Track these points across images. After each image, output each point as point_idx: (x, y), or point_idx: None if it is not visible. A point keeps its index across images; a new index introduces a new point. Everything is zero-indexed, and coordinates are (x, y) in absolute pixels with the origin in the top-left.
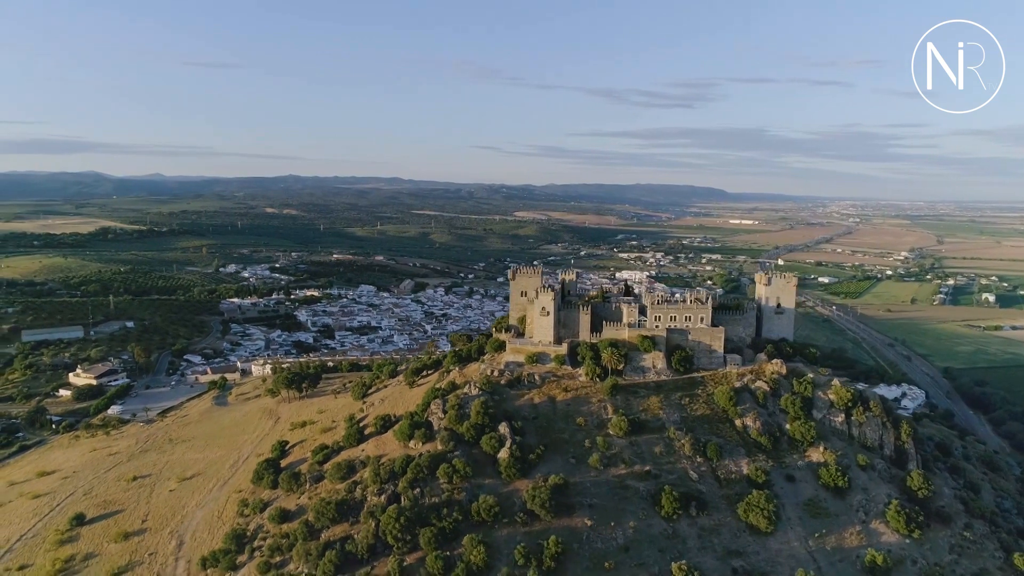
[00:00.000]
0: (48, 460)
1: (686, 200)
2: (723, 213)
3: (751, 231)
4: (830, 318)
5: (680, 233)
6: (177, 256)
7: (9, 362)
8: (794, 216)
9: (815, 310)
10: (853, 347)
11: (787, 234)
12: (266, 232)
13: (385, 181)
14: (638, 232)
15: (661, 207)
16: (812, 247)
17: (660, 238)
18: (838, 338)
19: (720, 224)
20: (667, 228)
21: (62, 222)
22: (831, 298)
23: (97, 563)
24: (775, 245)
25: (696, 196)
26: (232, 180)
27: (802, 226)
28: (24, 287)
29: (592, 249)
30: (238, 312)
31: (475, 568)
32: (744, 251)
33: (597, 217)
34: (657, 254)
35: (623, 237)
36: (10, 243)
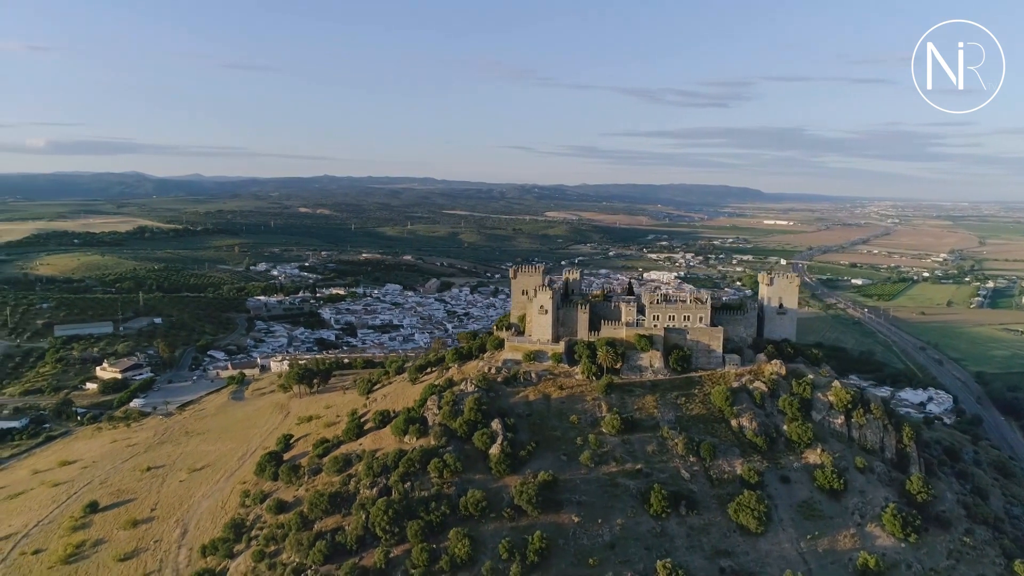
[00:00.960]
0: (71, 450)
1: (720, 200)
2: (757, 214)
3: (785, 232)
4: (861, 320)
5: (712, 234)
6: (210, 255)
7: (41, 356)
8: (831, 217)
9: (846, 312)
10: (883, 350)
11: (822, 235)
12: (298, 231)
13: (418, 181)
14: (669, 232)
15: (694, 207)
16: (847, 248)
17: (691, 239)
18: (868, 340)
19: (754, 225)
20: (699, 229)
21: (102, 221)
22: (863, 300)
23: (105, 549)
24: (809, 246)
25: (731, 196)
26: (268, 180)
27: (838, 227)
28: (62, 283)
29: (621, 249)
30: (264, 309)
31: (459, 561)
32: (776, 252)
33: (628, 217)
34: (687, 255)
35: (653, 237)
36: (52, 241)
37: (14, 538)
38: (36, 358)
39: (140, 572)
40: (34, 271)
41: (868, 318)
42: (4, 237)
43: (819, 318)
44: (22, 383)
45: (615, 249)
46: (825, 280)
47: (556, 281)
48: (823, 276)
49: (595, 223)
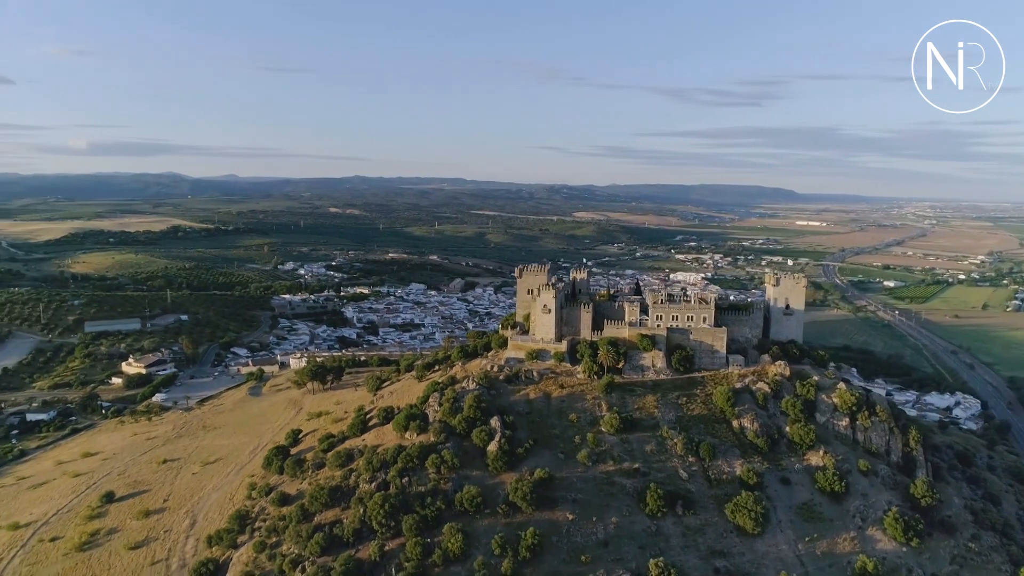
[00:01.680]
0: (94, 442)
1: (752, 201)
2: (789, 214)
3: (817, 233)
4: (891, 323)
5: (742, 235)
6: (240, 254)
7: (71, 351)
8: (865, 218)
9: (876, 315)
10: (913, 354)
11: (856, 236)
12: (327, 231)
13: (448, 181)
14: (698, 233)
15: (725, 208)
16: (881, 250)
17: (720, 239)
18: (897, 344)
19: (785, 226)
20: (729, 230)
21: (137, 220)
22: (895, 303)
23: (118, 537)
24: (841, 247)
25: (763, 197)
26: (301, 181)
27: (873, 228)
28: (96, 281)
29: (649, 250)
30: (288, 308)
31: (452, 555)
32: (807, 253)
33: (657, 218)
34: (715, 256)
35: (682, 238)
36: (89, 240)
37: (34, 526)
38: (66, 353)
39: (149, 560)
40: (70, 269)
41: (899, 321)
42: (43, 236)
43: (848, 320)
44: (52, 377)
45: (642, 250)
46: (856, 282)
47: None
48: (854, 278)
49: (623, 223)
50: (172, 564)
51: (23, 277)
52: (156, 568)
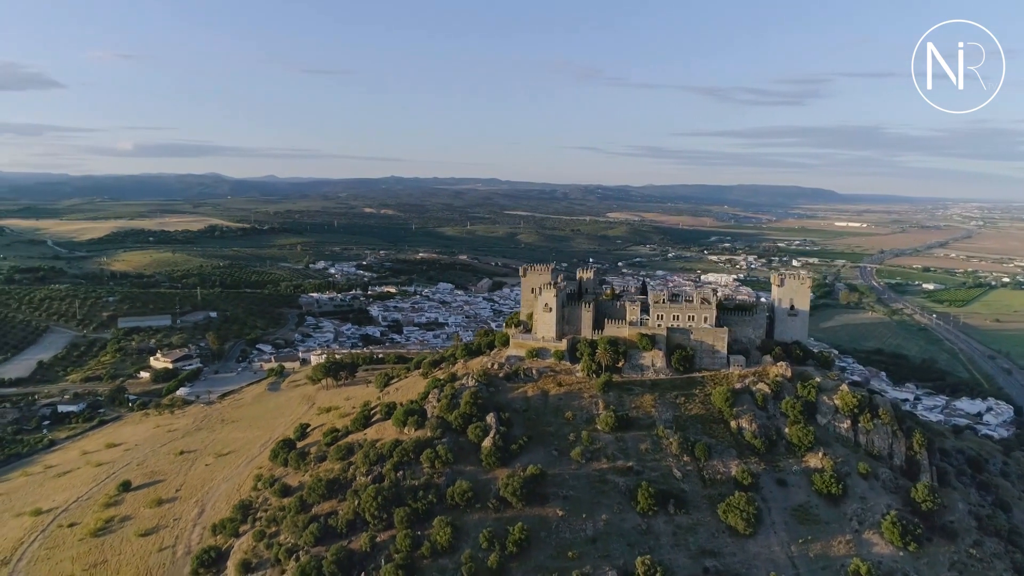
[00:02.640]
0: (118, 434)
1: (791, 201)
2: (829, 215)
3: (857, 234)
4: (927, 327)
5: (778, 236)
6: (274, 253)
7: (103, 346)
8: (908, 219)
9: (912, 318)
10: (948, 358)
11: (897, 238)
12: (360, 231)
13: (482, 182)
14: (733, 234)
15: (763, 208)
16: (922, 251)
17: (756, 240)
18: (932, 348)
19: (824, 227)
20: (765, 230)
21: (177, 220)
22: (933, 306)
23: (130, 524)
24: (880, 249)
25: (803, 197)
26: (338, 181)
27: (915, 229)
28: (134, 279)
29: (681, 251)
30: (315, 306)
31: (440, 548)
32: (844, 255)
33: (692, 218)
34: (749, 257)
35: (716, 239)
36: (130, 239)
37: (55, 512)
38: (99, 348)
39: (157, 547)
40: (110, 267)
41: (936, 324)
42: (87, 235)
43: (882, 324)
44: (84, 370)
45: (675, 250)
46: (894, 284)
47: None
48: (892, 280)
49: (657, 224)
50: (178, 551)
51: (65, 274)
52: (163, 554)
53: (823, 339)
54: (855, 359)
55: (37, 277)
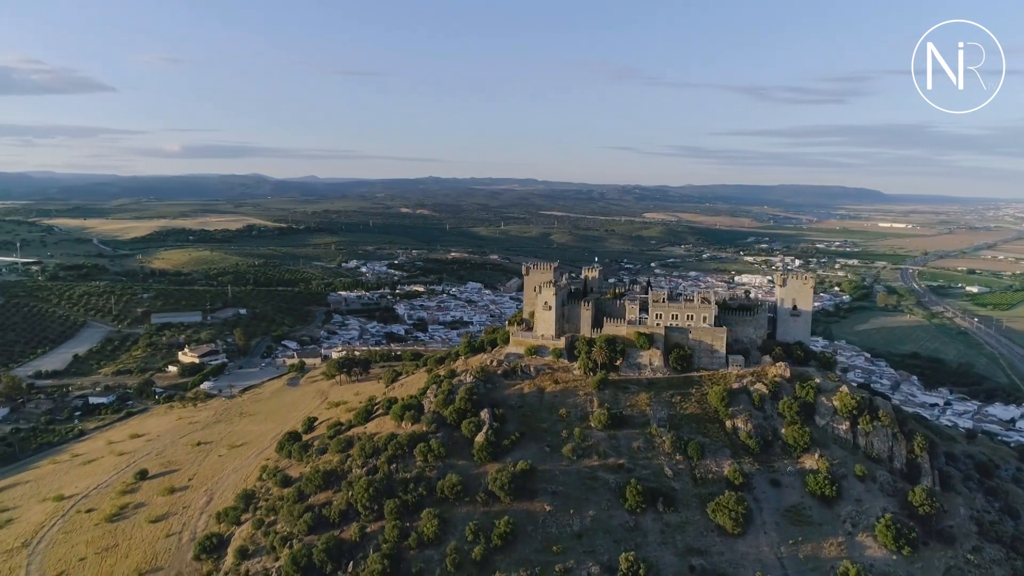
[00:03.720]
0: (143, 425)
1: (833, 202)
2: (873, 216)
3: (901, 235)
4: (968, 330)
5: (818, 237)
6: (308, 252)
7: (135, 341)
8: (956, 219)
9: (952, 321)
10: (987, 363)
11: (942, 239)
12: (394, 231)
13: (519, 182)
14: (772, 235)
15: (804, 209)
16: (969, 253)
17: (794, 241)
18: (971, 352)
19: (867, 228)
20: (805, 231)
21: (217, 219)
22: (975, 309)
23: (143, 511)
24: (924, 251)
25: (846, 198)
26: (377, 181)
27: (963, 230)
28: (171, 276)
29: (717, 251)
30: (343, 304)
31: (426, 539)
32: (886, 256)
33: (730, 219)
34: (786, 258)
35: (753, 240)
36: (171, 238)
37: (75, 498)
38: (132, 342)
39: (165, 533)
40: (150, 264)
41: (977, 328)
42: (130, 233)
43: (920, 327)
44: (116, 364)
45: (710, 251)
46: (936, 287)
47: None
48: (934, 283)
49: (693, 224)
50: (184, 537)
51: (107, 272)
52: (170, 540)
53: (856, 342)
54: (888, 362)
55: (80, 274)
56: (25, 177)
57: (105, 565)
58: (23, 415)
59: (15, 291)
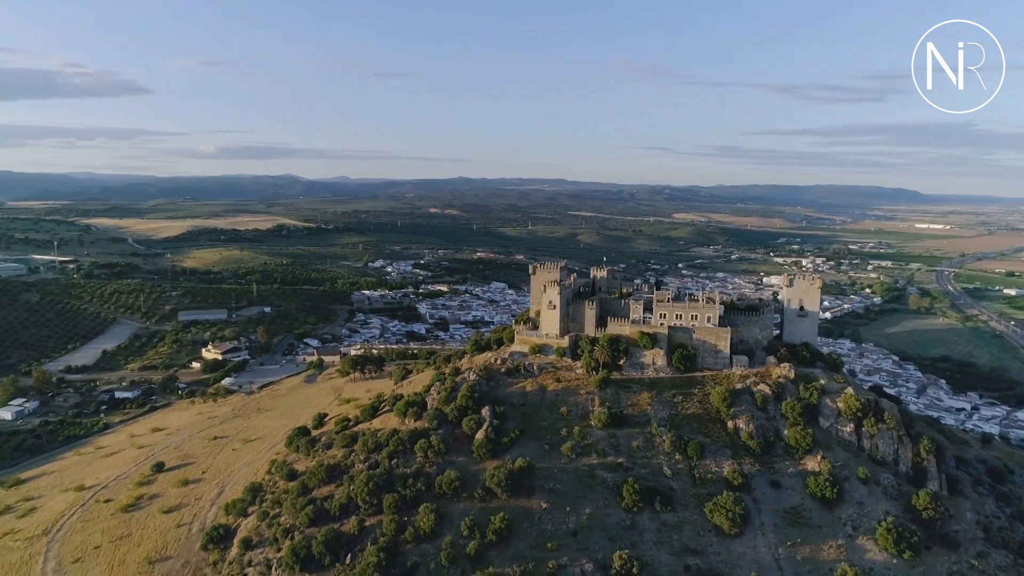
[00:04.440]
0: (165, 419)
1: (870, 202)
2: (910, 217)
3: (938, 237)
4: (1003, 334)
5: (852, 238)
6: (336, 251)
7: (163, 337)
8: (997, 220)
9: (987, 324)
10: (1022, 367)
11: (982, 241)
12: (422, 231)
13: (548, 183)
14: (804, 236)
15: (839, 210)
16: (1008, 255)
17: (826, 242)
18: (1005, 356)
19: (903, 229)
20: (838, 232)
21: (249, 219)
22: (1013, 312)
23: (157, 502)
24: (961, 252)
25: (883, 198)
26: (407, 182)
27: (1004, 232)
28: (202, 275)
29: (746, 252)
30: (366, 303)
31: (422, 533)
32: (921, 258)
33: (761, 219)
34: (817, 259)
35: (784, 241)
36: (203, 237)
37: (95, 488)
38: (158, 339)
39: (176, 523)
40: (181, 263)
41: (1013, 332)
42: (164, 233)
43: (953, 330)
44: (142, 359)
45: (739, 252)
46: (972, 290)
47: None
48: (970, 285)
49: (723, 225)
50: (193, 527)
51: (140, 270)
52: (180, 530)
53: (885, 345)
54: (917, 366)
55: (114, 272)
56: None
57: (118, 553)
58: (52, 408)
59: (50, 288)
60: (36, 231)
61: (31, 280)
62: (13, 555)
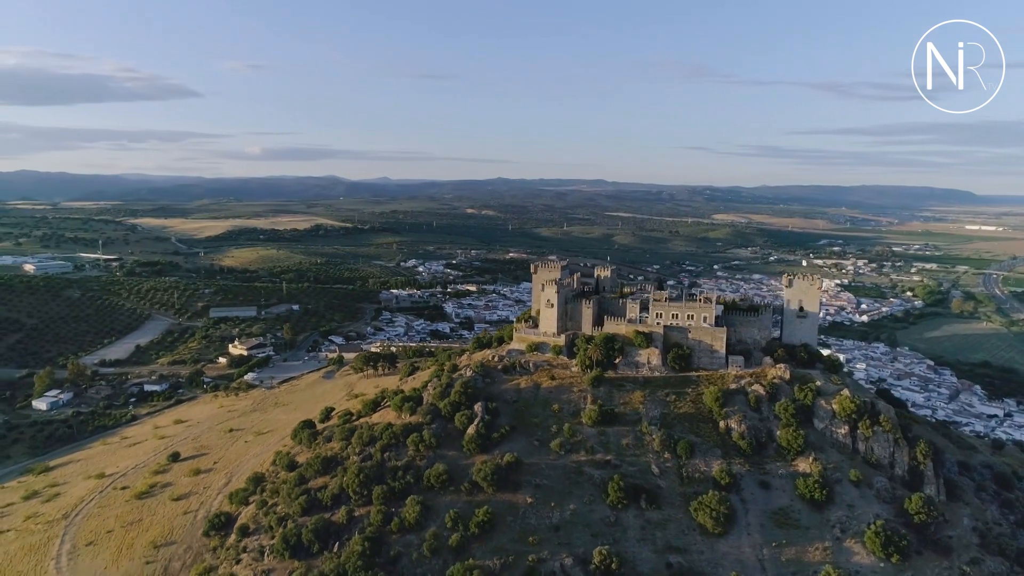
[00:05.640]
0: (188, 412)
1: (920, 203)
2: (961, 218)
3: (990, 239)
4: None
5: (898, 239)
6: (371, 251)
7: (193, 333)
8: None
9: None
10: None
11: None
12: (458, 231)
13: (587, 183)
14: (847, 237)
15: (886, 211)
16: None
17: (870, 244)
18: None
19: (953, 230)
20: (884, 234)
21: (288, 219)
22: None
23: (168, 490)
24: (1013, 255)
25: (933, 199)
26: (446, 183)
27: None
28: (239, 273)
29: (785, 254)
30: (393, 301)
31: (407, 524)
32: (969, 261)
33: (804, 220)
34: (858, 261)
35: (826, 242)
36: (243, 236)
37: (114, 476)
38: (189, 335)
39: (183, 510)
40: (219, 262)
41: None
42: (205, 232)
43: (997, 335)
44: (173, 354)
45: (778, 254)
46: (1020, 293)
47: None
48: (1019, 288)
49: (764, 226)
50: (199, 515)
51: (179, 268)
52: (186, 517)
53: (922, 349)
54: (954, 371)
55: (154, 270)
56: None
57: (128, 537)
58: (85, 400)
59: (91, 285)
60: (85, 230)
61: (75, 277)
62: (34, 537)
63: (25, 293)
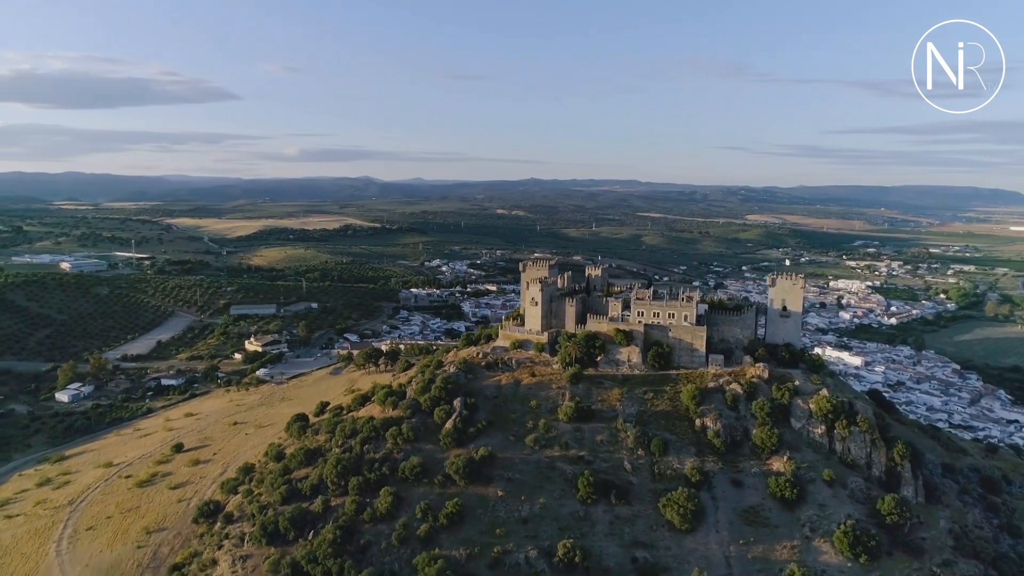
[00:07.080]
0: (200, 406)
1: (963, 204)
2: (1006, 219)
3: None
4: None
5: (936, 241)
6: (397, 251)
7: (212, 330)
8: None
9: None
10: None
11: None
12: (486, 231)
13: (620, 183)
14: (883, 239)
15: (927, 211)
16: None
17: (907, 246)
18: None
19: (996, 232)
20: (922, 235)
21: (319, 219)
22: None
23: (168, 479)
24: None
25: (978, 199)
26: (478, 183)
27: None
28: (265, 272)
29: (817, 255)
30: (412, 300)
31: (379, 514)
32: (1010, 263)
33: (840, 221)
34: (893, 263)
35: (861, 244)
36: (273, 236)
37: (121, 465)
38: (209, 331)
39: (179, 498)
40: (247, 261)
41: None
42: (237, 232)
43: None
44: (191, 350)
45: (810, 255)
46: None
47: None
48: None
49: (798, 227)
50: (192, 503)
51: (210, 267)
52: (180, 505)
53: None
54: (980, 376)
55: (184, 269)
56: (162, 180)
57: (125, 523)
58: (105, 393)
59: (119, 283)
60: (122, 230)
61: (107, 275)
62: (40, 521)
63: (57, 290)
